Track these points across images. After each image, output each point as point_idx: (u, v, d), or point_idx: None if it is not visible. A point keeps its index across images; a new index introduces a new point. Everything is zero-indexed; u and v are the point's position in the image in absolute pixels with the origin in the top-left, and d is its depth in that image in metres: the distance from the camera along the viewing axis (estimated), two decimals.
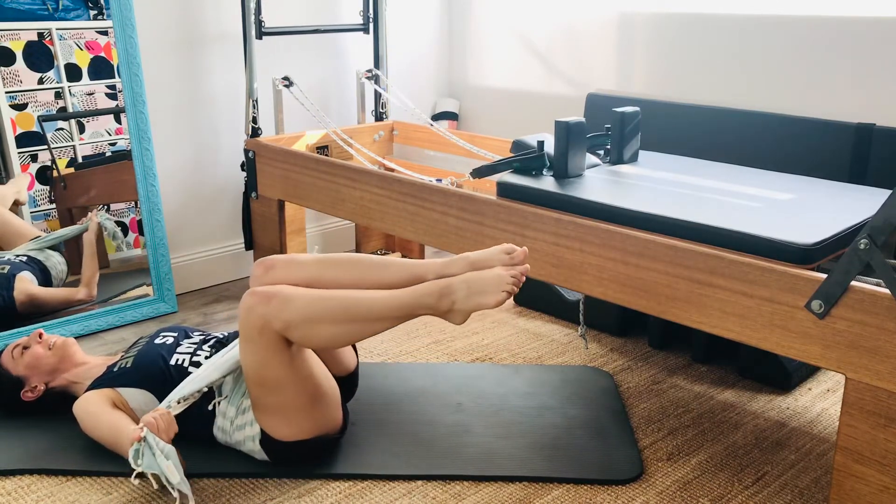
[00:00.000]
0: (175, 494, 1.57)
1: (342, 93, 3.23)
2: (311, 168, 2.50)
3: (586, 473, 1.78)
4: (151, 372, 1.84)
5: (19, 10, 2.39)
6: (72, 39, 2.49)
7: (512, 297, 1.76)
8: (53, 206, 2.51)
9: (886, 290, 1.40)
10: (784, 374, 2.15)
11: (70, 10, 2.47)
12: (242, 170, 2.83)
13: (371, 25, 3.08)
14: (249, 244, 2.90)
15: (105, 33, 2.54)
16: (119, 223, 2.67)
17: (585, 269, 1.83)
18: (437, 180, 2.31)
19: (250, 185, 2.78)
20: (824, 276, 1.47)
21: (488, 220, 2.01)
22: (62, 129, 2.52)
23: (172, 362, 1.85)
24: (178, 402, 1.70)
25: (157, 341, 1.93)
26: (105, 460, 1.81)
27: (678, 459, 1.85)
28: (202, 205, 2.91)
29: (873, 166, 2.24)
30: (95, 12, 2.52)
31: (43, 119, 2.47)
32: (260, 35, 2.74)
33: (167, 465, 1.55)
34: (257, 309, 1.60)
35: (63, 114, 2.51)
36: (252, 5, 2.70)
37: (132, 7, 2.52)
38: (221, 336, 1.96)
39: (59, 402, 1.94)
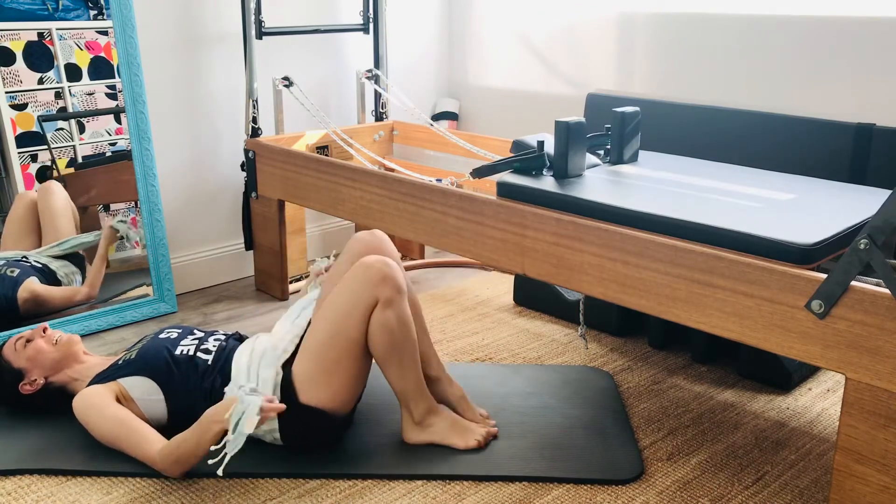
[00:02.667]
0: (226, 451, 1.58)
1: (342, 93, 3.23)
2: (311, 168, 2.50)
3: (586, 473, 1.78)
4: (156, 362, 1.84)
5: (19, 10, 2.39)
6: (72, 39, 2.49)
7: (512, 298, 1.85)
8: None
9: (886, 290, 1.40)
10: (784, 374, 2.15)
11: (70, 10, 2.47)
12: (242, 170, 2.83)
13: (371, 25, 3.08)
14: (249, 244, 2.90)
15: (105, 33, 2.54)
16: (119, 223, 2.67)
17: (585, 269, 1.83)
18: (437, 180, 2.31)
19: (250, 185, 2.78)
20: (824, 276, 1.47)
21: (488, 220, 2.01)
22: (62, 129, 2.52)
23: (178, 352, 1.86)
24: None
25: (162, 336, 1.94)
26: (105, 460, 1.82)
27: (678, 459, 1.85)
28: (202, 205, 2.91)
29: (873, 166, 2.24)
30: (95, 12, 2.52)
31: (43, 119, 2.47)
32: (260, 35, 2.74)
33: (252, 419, 1.58)
34: (385, 271, 1.76)
35: (63, 114, 2.51)
36: (252, 5, 2.70)
37: (132, 7, 2.52)
38: (224, 335, 1.96)
39: (56, 399, 1.94)
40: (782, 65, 2.50)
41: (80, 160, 2.55)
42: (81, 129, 2.55)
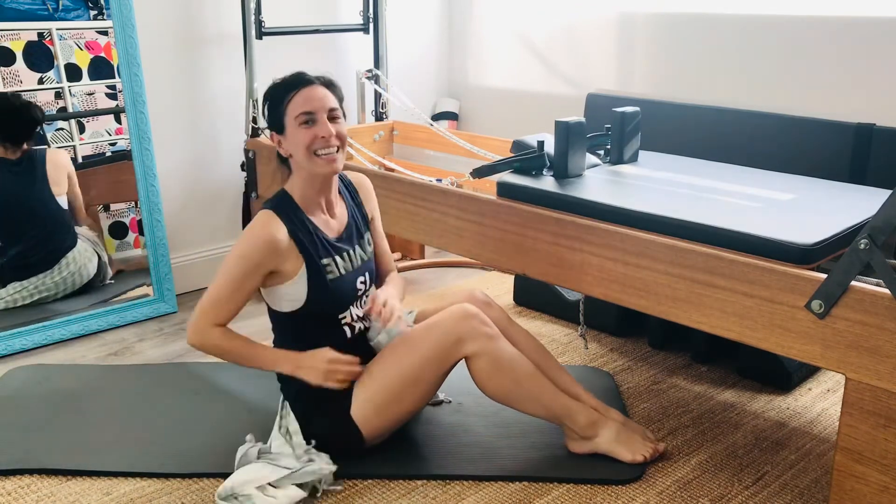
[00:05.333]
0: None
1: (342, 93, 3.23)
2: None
3: (586, 473, 1.78)
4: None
5: (19, 10, 2.39)
6: (72, 39, 2.49)
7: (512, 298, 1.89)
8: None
9: (886, 290, 1.40)
10: (784, 374, 2.15)
11: (70, 10, 2.47)
12: (242, 170, 2.83)
13: (371, 25, 3.08)
14: None
15: (105, 33, 2.54)
16: (119, 223, 2.67)
17: (585, 269, 1.83)
18: (437, 180, 2.31)
19: (250, 185, 2.78)
20: (824, 276, 1.47)
21: (488, 220, 2.01)
22: (62, 129, 2.52)
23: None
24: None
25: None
26: (105, 460, 1.82)
27: (678, 459, 1.85)
28: (202, 205, 2.91)
29: (873, 166, 2.24)
30: (95, 12, 2.52)
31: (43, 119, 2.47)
32: (260, 35, 2.74)
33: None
34: (467, 326, 1.74)
35: (63, 114, 2.51)
36: (252, 5, 2.70)
37: (132, 7, 2.52)
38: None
39: None
40: (782, 65, 2.50)
41: (80, 160, 2.55)
42: (81, 129, 2.55)
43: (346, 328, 1.83)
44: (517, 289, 2.74)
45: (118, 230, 2.67)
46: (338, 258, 1.80)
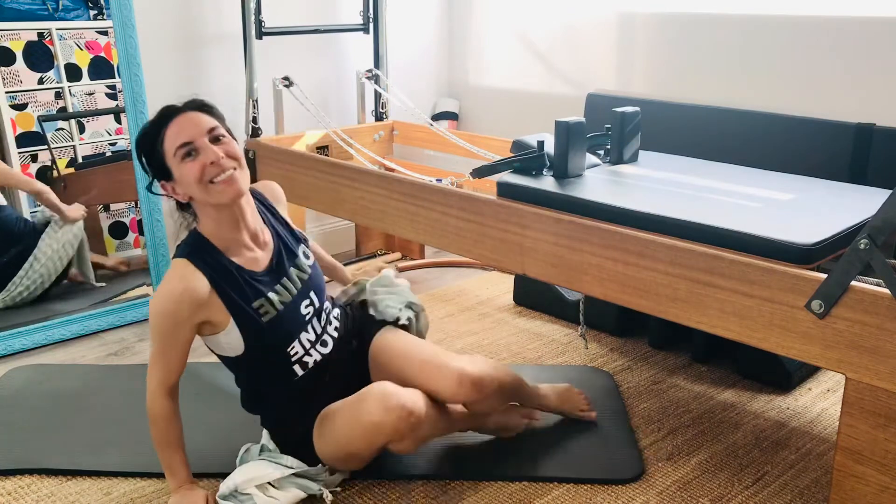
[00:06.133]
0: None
1: (342, 93, 3.23)
2: (311, 168, 2.50)
3: (586, 473, 1.78)
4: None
5: (19, 10, 2.39)
6: (72, 39, 2.49)
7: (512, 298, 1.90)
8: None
9: (886, 290, 1.40)
10: (784, 374, 2.15)
11: (70, 10, 2.47)
12: None
13: (371, 25, 3.08)
14: None
15: (105, 33, 2.54)
16: (119, 223, 2.68)
17: (585, 269, 1.83)
18: (437, 180, 2.31)
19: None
20: (824, 276, 1.47)
21: (488, 220, 2.01)
22: (62, 129, 2.52)
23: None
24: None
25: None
26: (105, 460, 1.82)
27: (678, 459, 1.85)
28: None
29: (873, 166, 2.24)
30: (95, 12, 2.52)
31: (43, 119, 2.47)
32: (260, 35, 2.74)
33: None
34: (398, 426, 1.58)
35: (63, 114, 2.51)
36: (252, 5, 2.70)
37: (132, 7, 2.52)
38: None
39: None
40: (782, 65, 2.50)
41: (80, 160, 2.55)
42: (81, 129, 2.55)
43: (297, 366, 1.70)
44: (517, 289, 2.74)
45: (118, 230, 2.67)
46: (271, 294, 1.64)
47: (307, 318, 1.71)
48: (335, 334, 1.78)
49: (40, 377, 2.21)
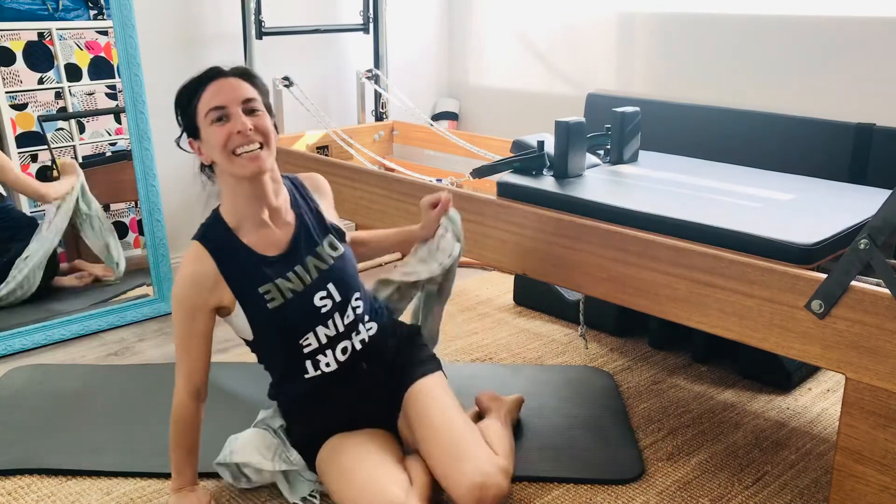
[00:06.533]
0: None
1: (342, 93, 3.23)
2: (311, 168, 2.50)
3: (586, 473, 1.78)
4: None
5: (19, 10, 2.39)
6: (72, 39, 2.50)
7: (512, 298, 1.88)
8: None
9: (886, 290, 1.40)
10: (784, 374, 2.15)
11: (70, 10, 2.47)
12: None
13: (371, 25, 3.08)
14: None
15: (105, 33, 2.54)
16: (119, 223, 2.68)
17: (585, 269, 1.83)
18: (437, 180, 2.31)
19: None
20: (824, 276, 1.47)
21: (488, 220, 2.01)
22: (62, 129, 2.52)
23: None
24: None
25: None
26: (105, 460, 1.82)
27: (678, 459, 1.85)
28: (202, 205, 2.90)
29: (873, 166, 2.24)
30: (95, 12, 2.52)
31: (43, 119, 2.47)
32: (260, 35, 2.74)
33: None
34: None
35: (63, 114, 2.51)
36: (252, 5, 2.70)
37: (132, 7, 2.52)
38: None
39: None
40: (782, 65, 2.50)
41: (80, 160, 2.55)
42: (81, 129, 2.55)
43: (309, 362, 1.64)
44: (517, 289, 2.74)
45: (118, 230, 2.67)
46: (280, 281, 1.60)
47: (324, 310, 1.64)
48: (359, 346, 1.69)
49: (40, 377, 2.21)
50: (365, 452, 1.60)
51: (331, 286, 1.65)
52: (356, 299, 1.70)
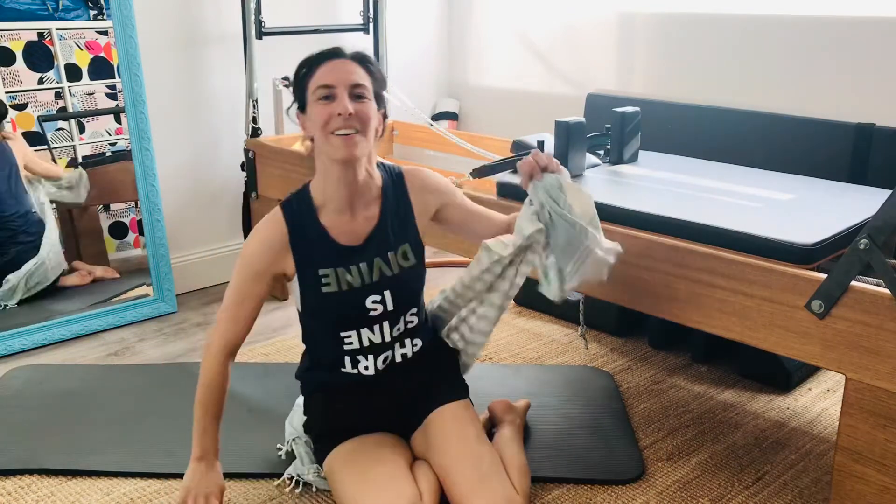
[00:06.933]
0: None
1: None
2: (311, 168, 2.49)
3: (586, 473, 1.78)
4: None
5: (19, 10, 2.39)
6: (72, 39, 2.50)
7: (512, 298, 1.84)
8: (53, 205, 2.51)
9: (886, 290, 1.40)
10: (784, 374, 2.15)
11: (70, 10, 2.47)
12: (242, 170, 2.83)
13: (371, 25, 3.08)
14: None
15: (105, 33, 2.54)
16: (119, 223, 2.68)
17: None
18: None
19: (250, 185, 2.78)
20: (824, 276, 1.47)
21: None
22: (62, 129, 2.52)
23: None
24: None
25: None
26: (105, 460, 1.82)
27: (678, 459, 1.85)
28: (202, 205, 2.91)
29: (873, 166, 2.24)
30: (95, 12, 2.52)
31: (43, 119, 2.47)
32: (260, 35, 2.74)
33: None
34: None
35: (63, 114, 2.51)
36: (252, 5, 2.70)
37: (132, 7, 2.52)
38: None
39: None
40: (782, 65, 2.50)
41: (80, 160, 2.55)
42: (81, 129, 2.55)
43: (348, 358, 1.65)
44: None
45: (118, 230, 2.67)
46: (341, 270, 1.60)
47: (373, 314, 1.63)
48: (400, 360, 1.69)
49: (40, 377, 2.21)
50: (379, 463, 1.60)
51: (387, 293, 1.64)
52: (411, 314, 1.69)
